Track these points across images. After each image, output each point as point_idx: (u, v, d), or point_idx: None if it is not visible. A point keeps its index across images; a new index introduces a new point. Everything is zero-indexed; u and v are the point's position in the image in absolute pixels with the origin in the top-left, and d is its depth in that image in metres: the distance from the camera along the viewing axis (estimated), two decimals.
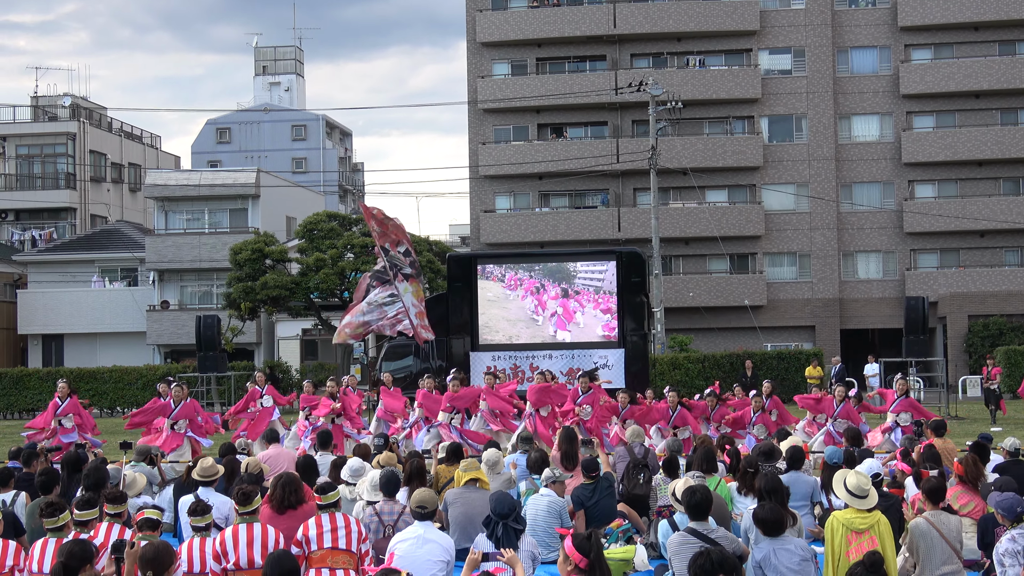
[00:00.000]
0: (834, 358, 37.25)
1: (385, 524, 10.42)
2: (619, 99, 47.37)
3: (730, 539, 8.84)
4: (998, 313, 44.49)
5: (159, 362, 46.03)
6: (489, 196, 49.60)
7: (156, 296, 48.98)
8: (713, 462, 11.83)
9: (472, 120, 49.96)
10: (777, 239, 48.05)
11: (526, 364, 28.50)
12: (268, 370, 35.00)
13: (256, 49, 77.63)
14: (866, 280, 48.16)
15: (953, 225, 46.24)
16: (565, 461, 13.06)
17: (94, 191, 57.20)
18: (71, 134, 56.40)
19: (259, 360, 45.82)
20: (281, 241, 45.78)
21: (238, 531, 8.94)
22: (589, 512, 11.49)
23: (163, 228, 50.19)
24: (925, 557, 9.12)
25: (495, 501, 9.29)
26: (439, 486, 12.54)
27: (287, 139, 73.19)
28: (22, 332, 49.83)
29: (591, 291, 28.72)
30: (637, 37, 48.96)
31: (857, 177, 48.20)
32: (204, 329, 33.02)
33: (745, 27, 48.03)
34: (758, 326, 43.70)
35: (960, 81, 47.22)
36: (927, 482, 9.74)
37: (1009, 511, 8.87)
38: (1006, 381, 36.10)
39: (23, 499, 11.86)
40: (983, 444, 12.55)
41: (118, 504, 9.58)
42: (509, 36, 49.19)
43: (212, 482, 11.34)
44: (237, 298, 41.49)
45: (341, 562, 9.01)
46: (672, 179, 46.48)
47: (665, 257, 45.39)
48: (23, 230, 56.06)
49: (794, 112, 48.32)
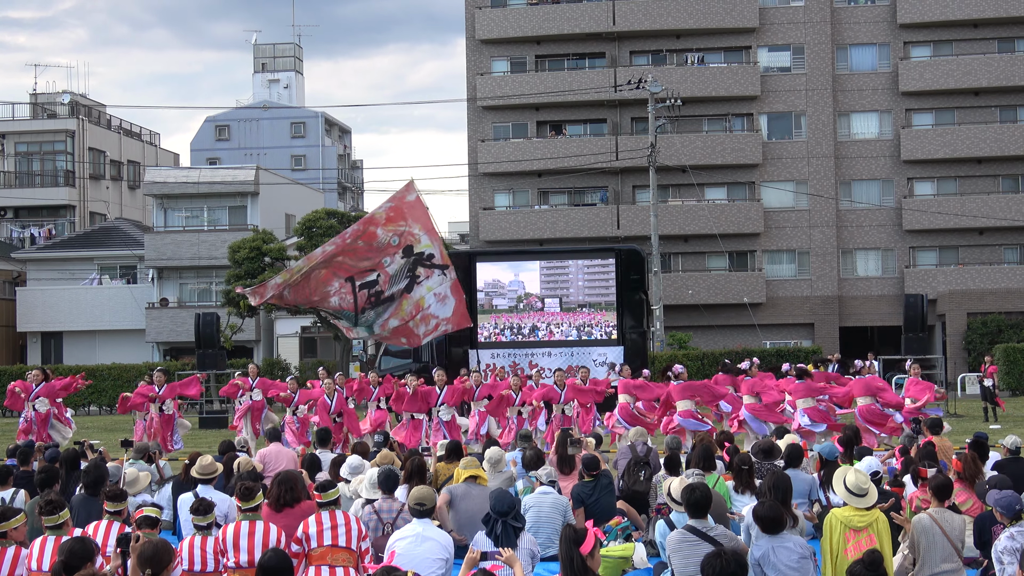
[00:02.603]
0: (833, 355, 37.26)
1: (384, 522, 10.43)
2: (618, 96, 47.37)
3: (729, 537, 8.84)
4: (997, 311, 44.51)
5: (158, 359, 46.02)
6: (488, 193, 49.60)
7: (155, 293, 48.97)
8: (711, 460, 11.84)
9: (471, 117, 49.95)
10: (776, 236, 48.05)
11: (525, 362, 28.55)
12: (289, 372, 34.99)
13: (255, 46, 77.58)
14: (865, 278, 48.17)
15: (952, 223, 46.25)
16: (561, 465, 13.08)
17: (93, 188, 57.18)
18: (70, 131, 56.38)
19: (258, 358, 45.82)
20: (280, 239, 45.76)
21: (239, 529, 8.94)
22: (589, 509, 11.51)
23: (162, 225, 50.19)
24: (926, 553, 9.13)
25: (495, 499, 9.30)
26: (438, 484, 12.56)
27: (286, 136, 73.12)
28: (21, 329, 49.83)
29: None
30: (636, 34, 48.96)
31: (856, 174, 48.20)
32: (203, 327, 33.03)
33: (744, 24, 48.01)
34: (757, 324, 43.71)
35: (959, 78, 47.22)
36: (934, 479, 9.74)
37: (1008, 509, 8.88)
38: (1005, 378, 36.18)
39: (22, 496, 11.87)
40: (982, 442, 12.56)
41: (118, 502, 9.58)
42: (508, 33, 49.17)
43: (211, 480, 11.34)
44: (236, 296, 41.47)
45: (341, 559, 9.02)
46: (671, 176, 46.48)
47: (664, 254, 45.40)
48: (22, 227, 56.05)
49: (793, 109, 48.31)
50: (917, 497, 10.69)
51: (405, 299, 18.64)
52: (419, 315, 18.88)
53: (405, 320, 18.75)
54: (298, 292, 18.38)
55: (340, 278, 18.28)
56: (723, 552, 7.41)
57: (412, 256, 18.75)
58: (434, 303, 18.95)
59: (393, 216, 18.63)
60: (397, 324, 18.81)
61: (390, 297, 18.57)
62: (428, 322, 18.93)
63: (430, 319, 18.98)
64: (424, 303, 18.87)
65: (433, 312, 18.92)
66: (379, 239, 18.61)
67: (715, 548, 8.06)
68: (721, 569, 7.21)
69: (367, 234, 18.59)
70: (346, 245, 18.32)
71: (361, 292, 18.47)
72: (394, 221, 18.73)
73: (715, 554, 7.41)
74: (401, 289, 18.60)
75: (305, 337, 48.76)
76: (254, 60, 77.57)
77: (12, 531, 8.55)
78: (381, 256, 18.64)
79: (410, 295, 18.68)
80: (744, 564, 7.45)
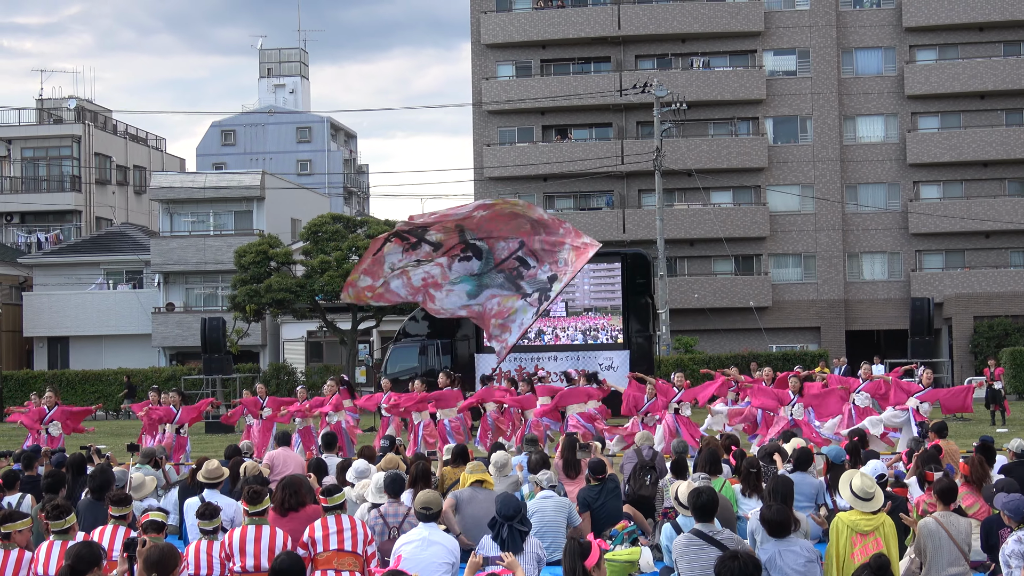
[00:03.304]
0: (839, 359, 37.19)
1: (390, 526, 10.42)
2: (623, 100, 47.35)
3: (736, 540, 8.82)
4: (1003, 314, 44.42)
5: (164, 364, 46.05)
6: (494, 198, 49.51)
7: (161, 298, 49.03)
8: (718, 463, 11.82)
9: (477, 122, 49.97)
10: (782, 240, 48.00)
11: (531, 366, 28.54)
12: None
13: (260, 51, 77.75)
14: (871, 281, 48.10)
15: (958, 226, 46.18)
16: (567, 469, 13.05)
17: (99, 193, 57.28)
18: (76, 136, 56.48)
19: (264, 362, 45.84)
20: (286, 243, 45.77)
21: (246, 533, 8.93)
22: (595, 513, 11.49)
23: (168, 230, 50.25)
24: (932, 557, 9.10)
25: (501, 503, 9.30)
26: (444, 488, 12.54)
27: (292, 141, 73.23)
28: (28, 334, 49.89)
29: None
30: (641, 38, 48.95)
31: (862, 178, 48.15)
32: (209, 331, 33.04)
33: (750, 28, 48.00)
34: (763, 327, 43.66)
35: (965, 82, 47.16)
36: (939, 482, 9.71)
37: (1016, 512, 8.85)
38: (1012, 382, 36.08)
39: (28, 501, 11.87)
40: (989, 445, 12.52)
41: (122, 506, 9.58)
42: (513, 38, 49.20)
43: (217, 484, 11.34)
44: (242, 300, 41.51)
45: (347, 564, 9.01)
46: (677, 180, 46.46)
47: (670, 258, 45.35)
48: (29, 233, 56.15)
49: (799, 113, 48.28)
50: (924, 501, 10.66)
51: (515, 296, 18.28)
52: (502, 320, 18.54)
53: (496, 312, 18.45)
54: (480, 224, 17.61)
55: (519, 239, 17.65)
56: (738, 554, 7.38)
57: (549, 281, 18.48)
58: (515, 325, 18.72)
59: (577, 256, 18.12)
60: (491, 311, 18.45)
61: (515, 284, 18.23)
62: (500, 331, 18.64)
63: (506, 329, 18.69)
64: (513, 313, 18.52)
65: (509, 324, 18.65)
66: (560, 253, 18.25)
67: (724, 551, 8.04)
68: (738, 571, 7.19)
69: (559, 240, 18.21)
70: (551, 225, 17.81)
71: (514, 260, 18.09)
72: (574, 262, 18.20)
73: (731, 556, 7.38)
74: (524, 290, 18.39)
75: (311, 342, 48.78)
76: (260, 65, 77.76)
77: (16, 534, 8.55)
78: (548, 258, 18.26)
79: (516, 298, 18.39)
80: (759, 566, 7.42)
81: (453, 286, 18.28)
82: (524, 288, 18.03)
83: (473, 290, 18.39)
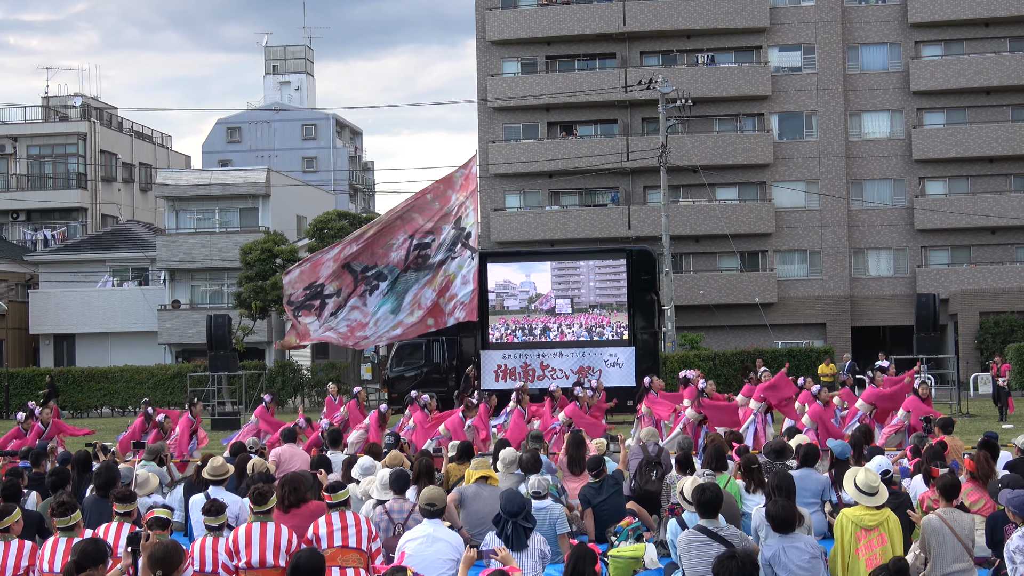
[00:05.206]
0: (845, 355, 37.17)
1: (395, 523, 10.42)
2: (629, 97, 47.35)
3: (740, 537, 8.82)
4: (1009, 310, 44.37)
5: (170, 361, 46.12)
6: (499, 194, 49.61)
7: (167, 296, 49.09)
8: (723, 460, 11.80)
9: (482, 118, 49.97)
10: (788, 236, 47.97)
11: (536, 363, 28.53)
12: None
13: (266, 48, 77.82)
14: (877, 277, 48.05)
15: (964, 222, 46.12)
16: (572, 466, 13.03)
17: (105, 191, 57.35)
18: (82, 134, 56.56)
19: (270, 359, 45.87)
20: (291, 240, 45.84)
21: (251, 529, 8.95)
22: (597, 510, 11.48)
23: (174, 228, 50.30)
24: (937, 554, 9.10)
25: (505, 499, 9.30)
26: (449, 485, 12.55)
27: (297, 138, 73.30)
28: (34, 332, 49.98)
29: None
30: (647, 35, 48.92)
31: (868, 174, 48.10)
32: (215, 328, 33.09)
33: (755, 24, 47.94)
34: (769, 324, 43.63)
35: (970, 77, 47.09)
36: (942, 478, 9.70)
37: (1020, 508, 8.85)
38: (1017, 377, 36.03)
39: (34, 498, 11.91)
40: (993, 441, 12.50)
41: (127, 503, 9.60)
42: (519, 34, 49.18)
43: (222, 481, 11.35)
44: (248, 297, 41.56)
45: (352, 560, 9.02)
46: (682, 177, 46.42)
47: (675, 255, 45.33)
48: (35, 230, 56.24)
49: (804, 109, 48.23)
50: (928, 497, 10.66)
51: (440, 269, 18.65)
52: (448, 293, 18.81)
53: (437, 292, 18.72)
54: (362, 254, 18.39)
55: (406, 232, 18.45)
56: (736, 553, 7.39)
57: (459, 229, 18.75)
58: (459, 283, 18.91)
59: (465, 184, 18.70)
60: (429, 302, 18.67)
61: (430, 265, 18.62)
62: (452, 302, 18.90)
63: (454, 298, 18.94)
64: (453, 279, 18.85)
65: (456, 291, 18.88)
66: (451, 203, 18.64)
67: (727, 548, 8.05)
68: (736, 570, 7.20)
69: (444, 197, 18.61)
70: (424, 200, 18.40)
71: (414, 251, 18.52)
72: (466, 189, 18.79)
73: (728, 555, 7.39)
74: (442, 259, 18.62)
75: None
76: (265, 62, 77.87)
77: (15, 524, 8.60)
78: (444, 222, 18.68)
79: (444, 267, 18.67)
80: (756, 565, 7.44)
81: (375, 315, 18.70)
82: (440, 256, 18.51)
83: (394, 304, 18.75)
